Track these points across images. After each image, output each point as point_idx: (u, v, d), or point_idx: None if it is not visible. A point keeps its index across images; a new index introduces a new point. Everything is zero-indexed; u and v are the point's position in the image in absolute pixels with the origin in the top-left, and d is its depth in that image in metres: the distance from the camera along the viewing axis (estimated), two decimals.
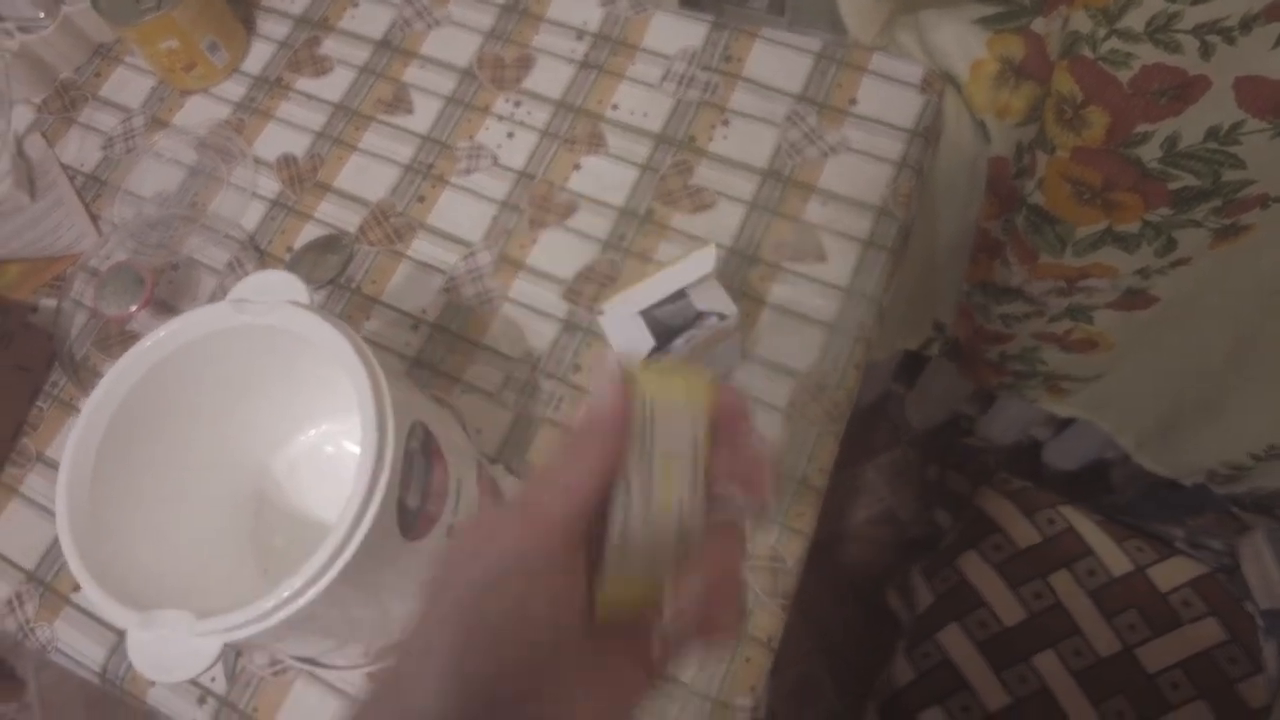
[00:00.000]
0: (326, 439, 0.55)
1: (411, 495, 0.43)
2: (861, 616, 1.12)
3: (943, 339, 0.88)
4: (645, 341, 0.49)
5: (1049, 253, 0.65)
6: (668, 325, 0.50)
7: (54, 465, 0.63)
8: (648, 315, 0.49)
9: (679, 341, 0.51)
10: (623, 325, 0.50)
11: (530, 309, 0.62)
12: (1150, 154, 0.52)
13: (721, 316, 0.49)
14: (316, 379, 0.50)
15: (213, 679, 0.56)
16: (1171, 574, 0.78)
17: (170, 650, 0.39)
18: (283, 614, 0.37)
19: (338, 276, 0.64)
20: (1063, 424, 1.07)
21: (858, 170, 0.62)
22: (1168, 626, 0.76)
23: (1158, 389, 0.81)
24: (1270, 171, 0.51)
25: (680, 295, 0.49)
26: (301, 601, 0.37)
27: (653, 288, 0.47)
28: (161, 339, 0.44)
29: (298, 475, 0.54)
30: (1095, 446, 1.03)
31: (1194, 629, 0.76)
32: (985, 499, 0.85)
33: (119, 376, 0.43)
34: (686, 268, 0.47)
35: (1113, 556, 0.79)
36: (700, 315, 0.49)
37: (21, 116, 0.74)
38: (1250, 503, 0.84)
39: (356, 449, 0.53)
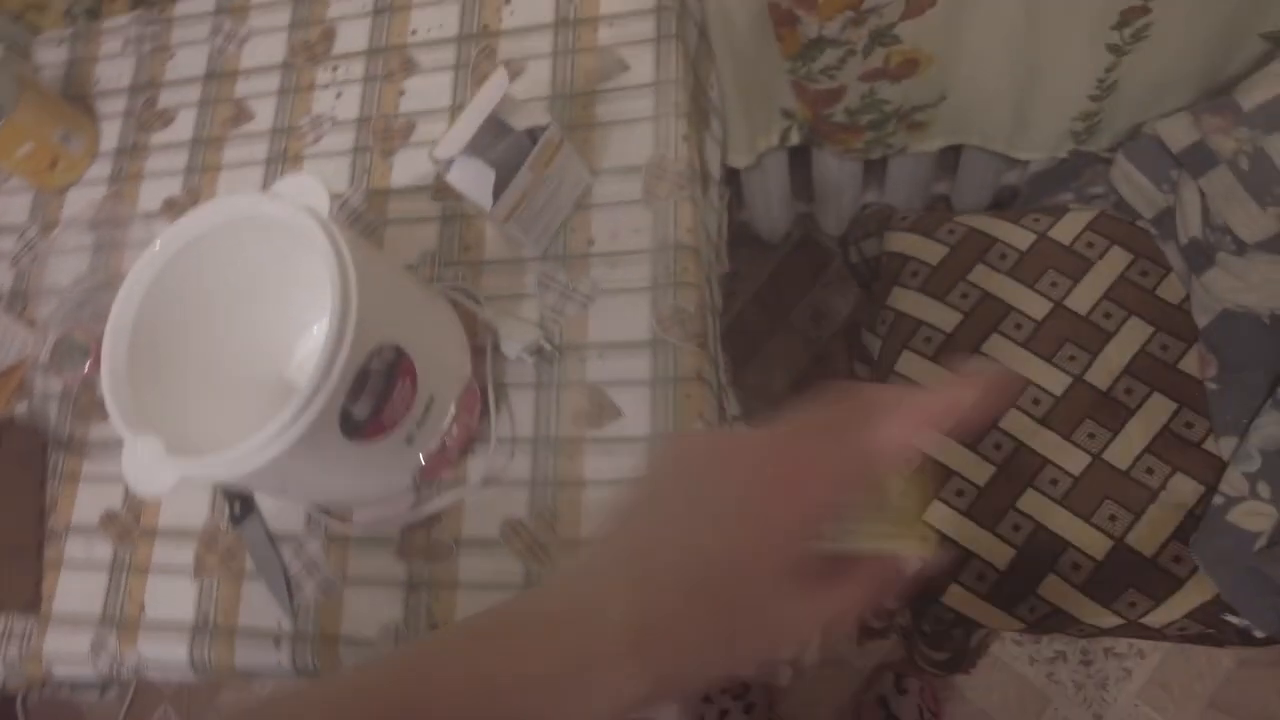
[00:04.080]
0: None
1: (360, 407, 0.48)
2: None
3: (797, 123, 0.95)
4: (488, 174, 0.56)
5: None
6: (506, 159, 0.58)
7: (84, 530, 0.70)
8: (484, 154, 0.56)
9: (523, 169, 0.58)
10: (465, 169, 0.57)
11: (404, 221, 0.69)
12: None
13: (543, 128, 0.57)
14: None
15: (279, 623, 0.63)
16: (1070, 227, 0.85)
17: (152, 472, 0.46)
18: (224, 472, 0.46)
19: None
20: (953, 168, 1.14)
21: None
22: (1082, 271, 0.83)
23: (992, 82, 0.87)
24: None
25: (503, 128, 0.56)
26: (239, 471, 0.46)
27: (467, 121, 0.54)
28: (183, 227, 0.52)
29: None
30: (990, 173, 1.10)
31: (1104, 263, 0.83)
32: (890, 241, 0.92)
33: (153, 259, 0.51)
34: (487, 94, 0.54)
35: (1016, 235, 0.86)
36: (529, 131, 0.56)
37: None
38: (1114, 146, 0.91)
39: None
